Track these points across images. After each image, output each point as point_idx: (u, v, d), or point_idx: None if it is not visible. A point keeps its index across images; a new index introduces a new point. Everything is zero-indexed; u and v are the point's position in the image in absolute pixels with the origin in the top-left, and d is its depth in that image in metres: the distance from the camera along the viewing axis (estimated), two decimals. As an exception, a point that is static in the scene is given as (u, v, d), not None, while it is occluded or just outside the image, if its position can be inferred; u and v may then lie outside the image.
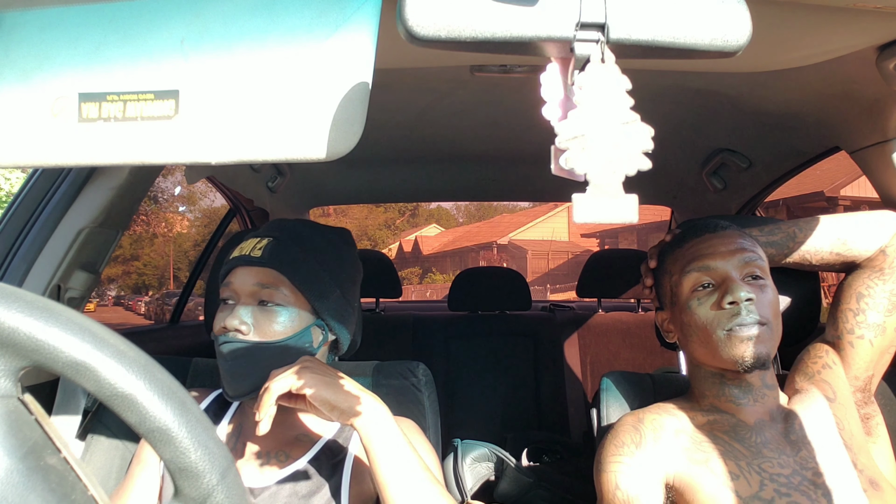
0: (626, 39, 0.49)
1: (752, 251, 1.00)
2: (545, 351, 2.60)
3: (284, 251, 0.99)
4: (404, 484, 0.86)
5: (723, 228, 1.03)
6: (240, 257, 0.99)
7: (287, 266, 0.98)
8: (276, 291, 0.97)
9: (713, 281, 0.99)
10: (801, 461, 0.94)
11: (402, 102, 1.54)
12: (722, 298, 0.96)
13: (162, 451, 0.39)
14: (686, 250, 1.03)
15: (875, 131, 1.23)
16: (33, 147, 0.53)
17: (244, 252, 0.99)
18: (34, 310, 0.38)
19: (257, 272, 0.98)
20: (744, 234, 1.04)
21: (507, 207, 27.13)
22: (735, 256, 0.99)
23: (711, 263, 0.99)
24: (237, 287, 0.98)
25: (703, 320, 0.98)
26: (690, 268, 1.00)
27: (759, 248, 1.03)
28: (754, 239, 1.06)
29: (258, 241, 1.00)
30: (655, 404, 1.08)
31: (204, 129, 0.53)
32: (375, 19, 0.54)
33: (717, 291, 0.98)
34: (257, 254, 0.98)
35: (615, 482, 0.96)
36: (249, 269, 0.98)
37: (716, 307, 0.97)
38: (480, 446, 1.84)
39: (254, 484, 0.96)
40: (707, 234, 1.02)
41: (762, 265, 1.00)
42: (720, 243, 1.01)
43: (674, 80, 1.35)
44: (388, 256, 3.07)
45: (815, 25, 0.90)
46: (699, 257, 1.00)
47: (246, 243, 1.01)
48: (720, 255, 0.99)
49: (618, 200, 0.48)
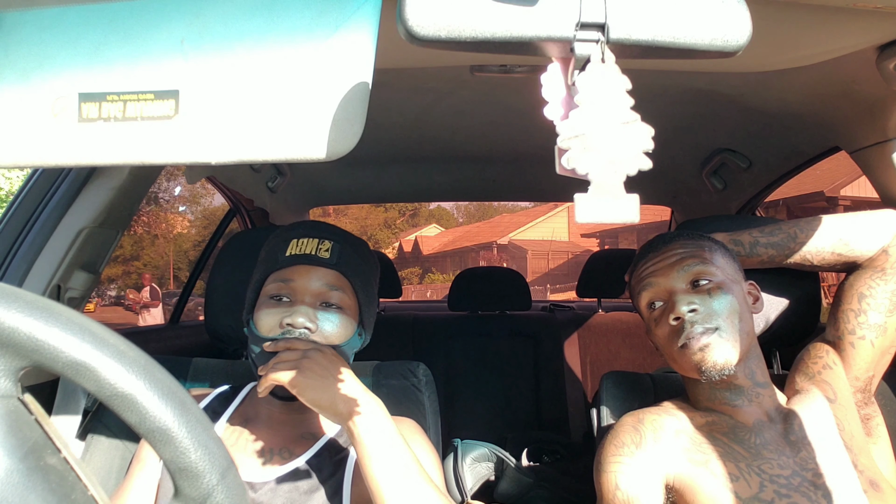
0: (626, 39, 0.49)
1: (694, 257, 1.01)
2: (545, 351, 2.60)
3: (350, 255, 0.99)
4: (397, 488, 0.85)
5: (666, 243, 1.05)
6: (305, 255, 0.97)
7: (353, 271, 0.99)
8: (340, 294, 0.97)
9: (661, 299, 1.02)
10: (801, 462, 0.94)
11: (402, 102, 1.54)
12: (668, 316, 0.99)
13: (162, 451, 0.39)
14: (638, 273, 1.07)
15: (875, 131, 1.23)
16: (33, 147, 0.53)
17: (306, 251, 0.97)
18: (34, 310, 0.38)
19: (325, 273, 0.97)
20: (693, 241, 1.04)
21: (507, 207, 27.13)
22: (674, 269, 1.01)
23: (654, 281, 1.03)
24: (300, 286, 0.96)
25: (661, 339, 1.02)
26: (639, 288, 1.05)
27: (714, 251, 1.03)
28: (737, 241, 1.07)
29: (319, 242, 0.98)
30: (656, 405, 1.08)
31: (204, 129, 0.53)
32: (375, 19, 0.54)
33: (666, 309, 1.01)
34: (326, 255, 0.97)
35: (615, 482, 0.96)
36: (316, 269, 0.96)
37: (667, 327, 1.00)
38: (480, 446, 1.84)
39: (254, 479, 0.96)
40: (651, 255, 1.05)
41: (707, 269, 1.00)
42: (661, 259, 1.03)
43: (674, 79, 1.35)
44: (388, 256, 3.07)
45: (815, 25, 0.90)
46: (644, 277, 1.04)
47: (301, 242, 0.98)
48: (660, 272, 1.02)
49: (619, 200, 0.48)
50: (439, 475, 1.01)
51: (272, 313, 0.95)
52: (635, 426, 1.00)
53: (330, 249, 0.97)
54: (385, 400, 1.18)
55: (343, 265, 0.98)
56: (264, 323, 0.95)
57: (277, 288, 0.97)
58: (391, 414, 1.13)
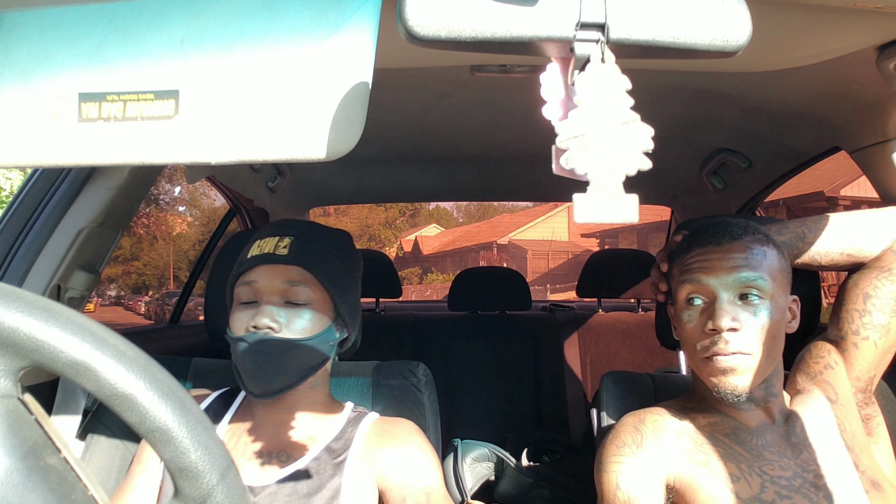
0: (626, 39, 0.49)
1: (753, 268, 0.94)
2: (545, 351, 2.60)
3: (309, 249, 0.98)
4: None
5: (732, 240, 0.96)
6: (264, 255, 0.97)
7: (314, 264, 0.98)
8: (305, 289, 0.96)
9: (704, 298, 0.96)
10: (803, 463, 0.93)
11: (402, 102, 1.54)
12: (706, 321, 0.94)
13: (162, 451, 0.39)
14: (688, 258, 0.99)
15: (875, 131, 1.23)
16: (33, 147, 0.53)
17: (265, 250, 0.97)
18: (34, 310, 0.38)
19: (284, 270, 0.96)
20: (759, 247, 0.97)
21: (507, 207, 27.12)
22: (729, 275, 0.94)
23: (704, 279, 0.95)
24: (262, 286, 0.96)
25: (690, 336, 0.97)
26: (685, 279, 0.98)
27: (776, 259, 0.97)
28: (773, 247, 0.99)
29: (279, 240, 0.97)
30: (657, 404, 1.07)
31: (204, 129, 0.53)
32: (375, 19, 0.54)
33: (706, 311, 0.95)
34: (283, 252, 0.96)
35: (616, 482, 0.96)
36: (275, 268, 0.96)
37: (701, 331, 0.95)
38: (480, 446, 1.84)
39: (254, 482, 0.96)
40: (711, 246, 0.97)
41: (762, 285, 0.94)
42: (719, 258, 0.96)
43: (674, 79, 1.35)
44: (388, 256, 3.07)
45: (815, 25, 0.90)
46: (695, 270, 0.97)
47: (263, 242, 0.98)
48: (714, 272, 0.95)
49: (618, 200, 0.48)
50: (439, 475, 1.01)
51: (241, 317, 0.96)
52: (636, 426, 1.00)
53: (288, 246, 0.97)
54: (385, 400, 1.18)
55: (302, 260, 0.97)
56: (234, 326, 0.97)
57: (244, 291, 0.98)
58: (391, 414, 1.13)
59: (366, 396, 1.18)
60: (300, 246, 0.97)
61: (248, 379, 0.95)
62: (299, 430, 1.02)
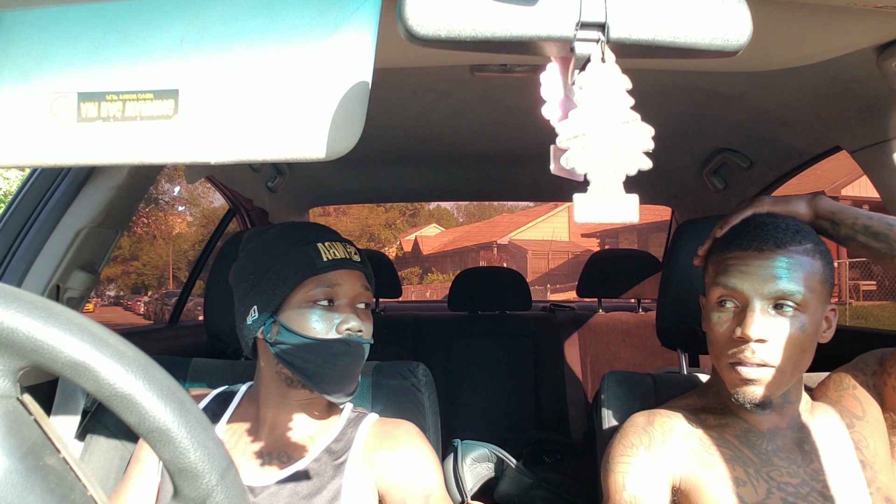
0: (626, 39, 0.49)
1: (792, 283, 0.90)
2: (545, 351, 2.60)
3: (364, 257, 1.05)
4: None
5: (774, 247, 0.92)
6: (343, 260, 1.00)
7: (370, 271, 1.05)
8: (370, 294, 1.03)
9: (737, 302, 0.93)
10: (813, 472, 0.92)
11: (402, 102, 1.54)
12: (735, 327, 0.91)
13: (161, 452, 0.39)
14: (726, 257, 0.95)
15: (876, 130, 1.23)
16: (32, 147, 0.53)
17: (339, 255, 1.00)
18: (33, 310, 0.38)
19: (360, 276, 1.02)
20: (799, 256, 0.91)
21: (507, 207, 27.13)
22: (766, 284, 0.90)
23: (739, 285, 0.91)
24: (344, 290, 0.99)
25: (717, 337, 0.94)
26: (719, 280, 0.94)
27: (819, 268, 0.92)
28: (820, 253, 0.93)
29: (345, 246, 1.02)
30: (667, 403, 1.06)
31: (203, 129, 0.53)
32: (375, 19, 0.54)
33: (737, 316, 0.92)
34: (357, 259, 1.02)
35: (622, 483, 0.95)
36: (353, 273, 1.01)
37: (729, 336, 0.92)
38: (480, 446, 1.84)
39: (254, 483, 0.96)
40: (752, 252, 0.92)
41: (799, 298, 0.90)
42: (758, 265, 0.91)
43: (674, 79, 1.35)
44: (388, 256, 3.07)
45: (816, 25, 0.90)
46: (731, 273, 0.93)
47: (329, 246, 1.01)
48: (750, 279, 0.91)
49: (618, 200, 0.48)
50: (439, 477, 1.01)
51: (323, 318, 0.97)
52: (645, 427, 0.99)
53: (357, 253, 1.03)
54: (385, 400, 1.18)
55: (368, 267, 1.05)
56: (315, 326, 0.96)
57: (323, 293, 0.98)
58: (391, 415, 1.13)
59: (366, 397, 1.18)
60: (361, 254, 1.04)
61: (336, 381, 0.95)
62: (299, 431, 1.02)
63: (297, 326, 0.96)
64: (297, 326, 0.96)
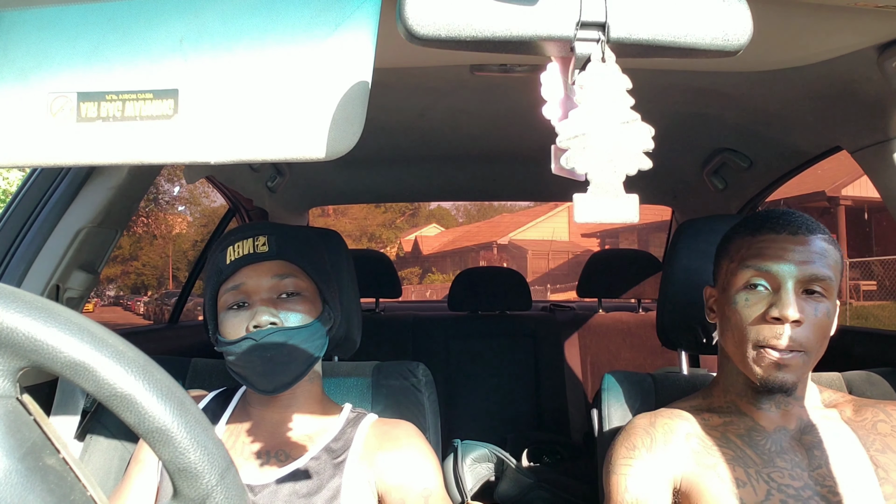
0: (626, 39, 0.49)
1: (824, 268, 0.91)
2: (545, 351, 2.60)
3: (286, 242, 1.00)
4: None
5: (808, 233, 0.93)
6: (245, 256, 0.98)
7: (295, 255, 1.00)
8: (292, 279, 0.99)
9: (768, 285, 0.92)
10: (818, 477, 0.91)
11: (402, 102, 1.54)
12: (769, 308, 0.90)
13: (161, 452, 0.39)
14: (757, 241, 0.94)
15: (876, 130, 1.22)
16: (32, 146, 0.53)
17: (244, 252, 0.98)
18: (33, 310, 0.38)
19: (269, 266, 0.98)
20: (825, 244, 0.93)
21: (507, 207, 27.10)
22: (802, 268, 0.90)
23: (774, 267, 0.91)
24: (251, 286, 0.97)
25: (743, 323, 0.93)
26: (751, 263, 0.93)
27: (834, 263, 0.93)
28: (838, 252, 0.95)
29: (254, 240, 0.99)
30: (671, 405, 1.06)
31: (203, 129, 0.53)
32: (375, 19, 0.54)
33: (767, 298, 0.92)
34: (263, 249, 0.98)
35: (624, 485, 0.95)
36: (260, 266, 0.98)
37: (760, 317, 0.91)
38: (480, 447, 1.84)
39: (253, 481, 0.96)
40: (786, 235, 0.93)
41: (829, 285, 0.91)
42: (794, 248, 0.92)
43: (674, 79, 1.35)
44: (388, 256, 3.07)
45: (816, 24, 0.90)
46: (765, 256, 0.92)
47: (237, 246, 0.99)
48: (786, 261, 0.91)
49: (618, 200, 0.48)
50: (438, 478, 1.01)
51: (235, 322, 0.96)
52: (646, 429, 0.99)
53: (266, 242, 0.99)
54: (384, 400, 1.18)
55: (284, 253, 0.99)
56: (230, 331, 0.97)
57: (232, 296, 0.98)
58: (391, 415, 1.13)
59: (365, 397, 1.18)
60: (277, 241, 0.99)
61: (259, 376, 0.95)
62: (297, 429, 1.02)
63: (222, 333, 0.98)
64: (222, 333, 0.98)
